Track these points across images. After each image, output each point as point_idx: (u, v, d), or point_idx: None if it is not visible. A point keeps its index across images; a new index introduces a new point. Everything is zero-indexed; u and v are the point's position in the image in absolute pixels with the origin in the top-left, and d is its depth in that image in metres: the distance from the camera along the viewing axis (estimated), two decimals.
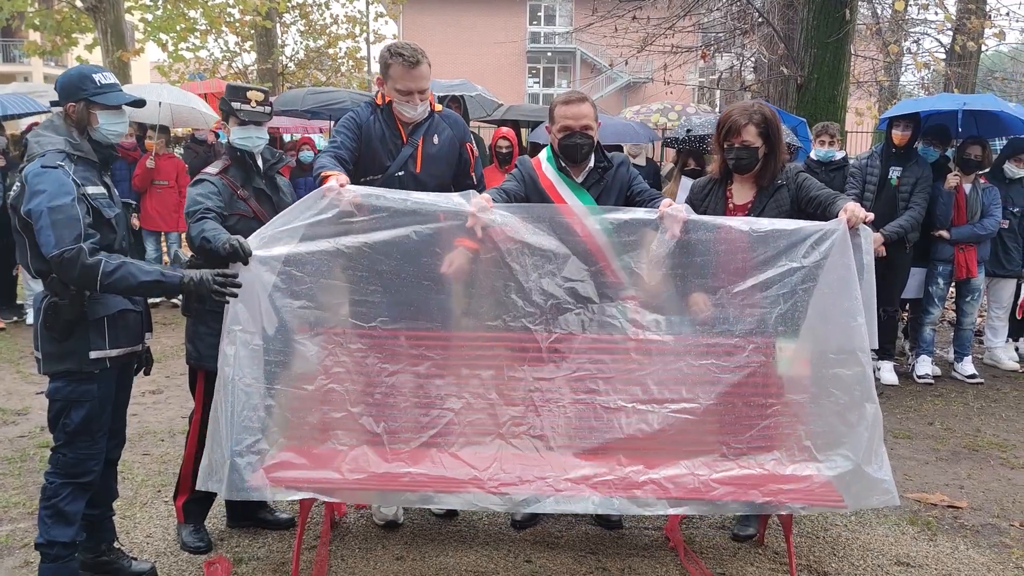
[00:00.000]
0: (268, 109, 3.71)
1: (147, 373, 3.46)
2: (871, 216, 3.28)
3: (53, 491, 3.13)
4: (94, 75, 3.15)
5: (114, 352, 3.16)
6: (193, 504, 3.75)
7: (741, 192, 3.76)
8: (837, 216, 3.28)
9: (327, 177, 3.46)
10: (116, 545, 3.51)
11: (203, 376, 3.65)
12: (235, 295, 3.11)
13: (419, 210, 3.37)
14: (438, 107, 4.01)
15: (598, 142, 3.81)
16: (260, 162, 3.74)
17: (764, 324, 3.37)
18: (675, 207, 3.45)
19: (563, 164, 3.78)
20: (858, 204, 3.30)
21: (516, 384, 3.51)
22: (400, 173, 3.82)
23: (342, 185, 3.37)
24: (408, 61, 3.68)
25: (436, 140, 3.90)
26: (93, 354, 3.09)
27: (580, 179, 3.77)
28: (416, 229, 3.39)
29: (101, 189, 3.14)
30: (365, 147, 3.85)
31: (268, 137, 3.80)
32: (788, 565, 3.43)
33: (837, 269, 3.20)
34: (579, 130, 3.67)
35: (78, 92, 3.12)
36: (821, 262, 3.25)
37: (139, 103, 3.27)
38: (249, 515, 3.93)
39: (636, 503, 3.23)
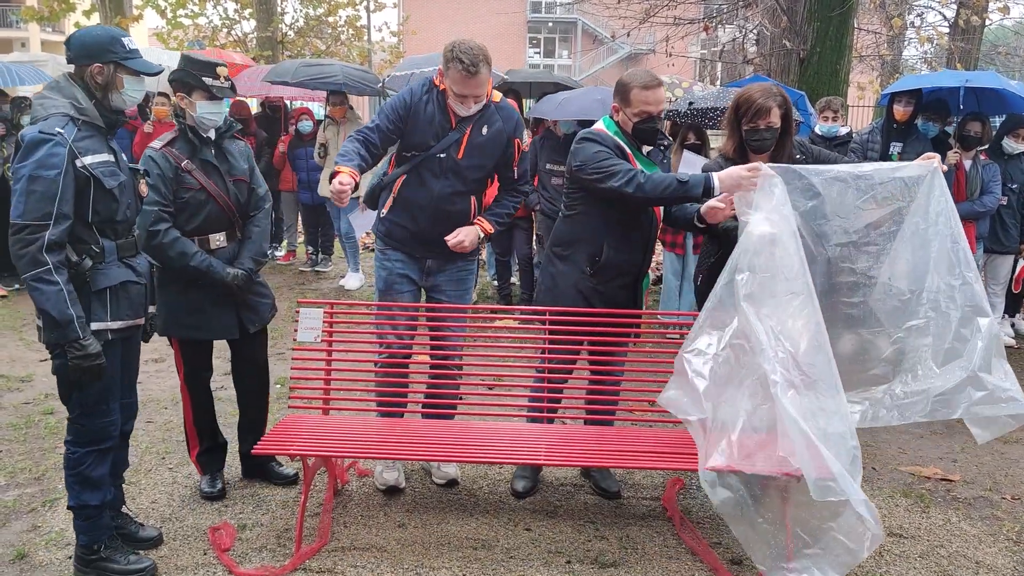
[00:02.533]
0: (231, 83, 3.78)
1: (146, 340, 3.47)
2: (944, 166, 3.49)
3: (77, 460, 3.17)
4: (123, 39, 3.10)
5: (116, 324, 3.14)
6: (204, 455, 3.99)
7: None
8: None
9: (338, 171, 3.61)
10: (124, 510, 3.57)
11: (176, 342, 3.88)
12: (98, 376, 3.02)
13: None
14: (496, 97, 3.98)
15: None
16: (213, 133, 3.75)
17: (879, 260, 3.47)
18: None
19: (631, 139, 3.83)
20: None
21: None
22: (442, 155, 3.85)
23: (343, 184, 3.55)
24: (468, 70, 3.67)
25: (485, 131, 3.89)
26: (94, 325, 3.05)
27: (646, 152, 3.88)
28: None
29: (106, 156, 3.07)
30: (412, 124, 3.86)
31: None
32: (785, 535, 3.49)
33: (937, 203, 3.35)
34: (658, 115, 3.78)
35: (107, 54, 3.05)
36: (924, 199, 3.38)
37: (158, 72, 3.24)
38: (259, 467, 4.12)
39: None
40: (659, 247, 7.32)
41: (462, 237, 3.89)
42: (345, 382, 4.04)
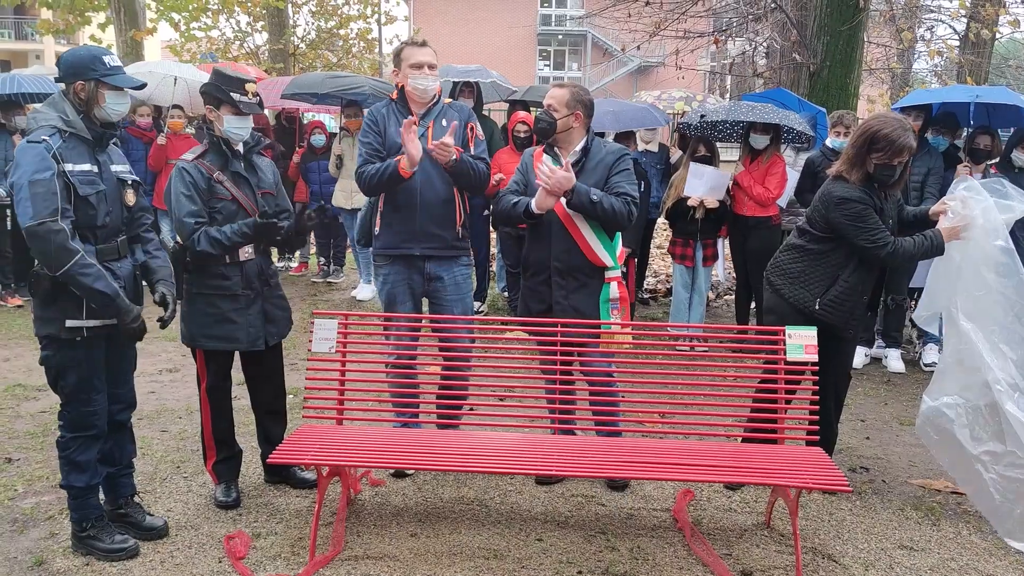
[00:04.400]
0: (259, 99, 3.93)
1: (163, 327, 3.55)
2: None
3: (64, 444, 3.45)
4: (103, 57, 3.36)
5: (90, 323, 3.32)
6: (220, 465, 4.05)
7: None
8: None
9: (400, 165, 4.05)
10: (136, 500, 3.75)
11: (200, 353, 3.97)
12: (139, 339, 3.42)
13: None
14: (447, 100, 4.44)
15: (590, 129, 4.26)
16: (241, 147, 3.90)
17: None
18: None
19: (556, 149, 4.22)
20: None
21: None
22: (434, 142, 4.14)
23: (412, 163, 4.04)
24: (415, 42, 4.28)
25: (444, 123, 4.26)
26: (69, 323, 3.28)
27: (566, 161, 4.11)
28: None
29: (87, 166, 3.29)
30: (384, 135, 4.25)
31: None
32: (793, 547, 3.51)
33: None
34: (543, 109, 4.17)
35: (88, 71, 3.29)
36: None
37: (141, 86, 3.50)
38: (281, 472, 4.21)
39: None
40: (668, 259, 7.36)
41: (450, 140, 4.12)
42: (358, 392, 4.10)
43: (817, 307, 4.04)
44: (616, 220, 4.07)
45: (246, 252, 3.86)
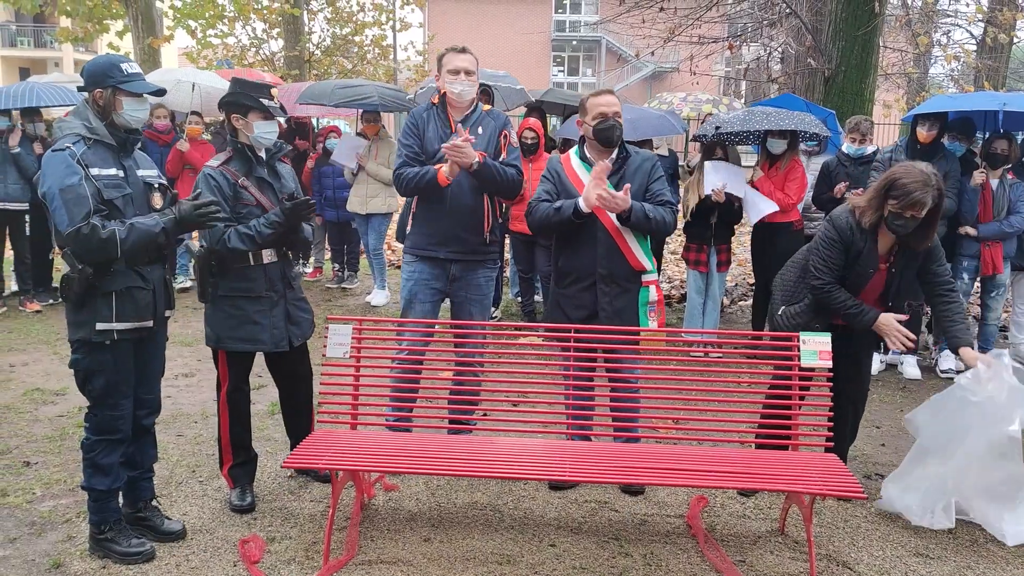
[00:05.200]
0: (280, 105, 4.08)
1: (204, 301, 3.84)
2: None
3: (89, 446, 3.48)
4: (121, 64, 3.42)
5: (120, 325, 3.38)
6: (236, 469, 4.09)
7: (883, 241, 4.00)
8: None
9: (439, 171, 4.22)
10: (154, 504, 3.79)
11: (223, 355, 4.00)
12: (218, 218, 3.53)
13: None
14: (486, 107, 4.57)
15: (620, 135, 4.25)
16: (263, 153, 3.98)
17: None
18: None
19: (586, 155, 4.26)
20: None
21: None
22: (447, 144, 4.21)
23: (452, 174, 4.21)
24: (456, 48, 4.38)
25: (480, 130, 4.42)
26: (99, 326, 3.34)
27: None
28: None
29: (113, 171, 3.36)
30: (423, 137, 4.43)
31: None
32: (808, 554, 3.50)
33: None
34: (611, 116, 4.16)
35: (106, 79, 3.37)
36: None
37: (160, 92, 3.57)
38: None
39: None
40: (682, 265, 7.34)
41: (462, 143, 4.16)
42: (373, 397, 4.12)
43: (779, 313, 4.17)
44: (665, 230, 4.24)
45: (268, 255, 3.92)
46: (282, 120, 10.78)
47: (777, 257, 6.49)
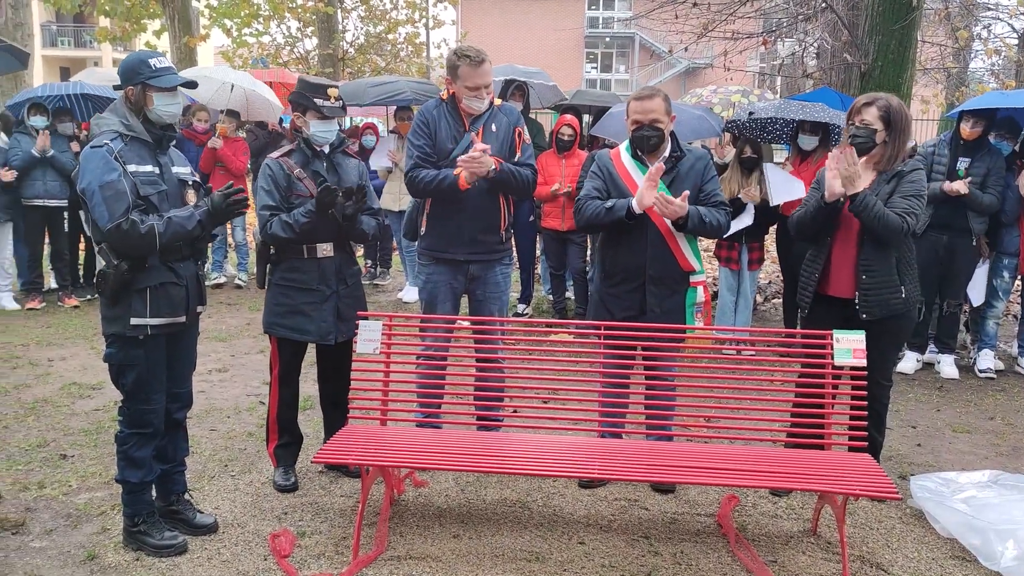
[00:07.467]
0: (342, 103, 4.08)
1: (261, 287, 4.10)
2: None
3: (123, 439, 3.53)
4: (150, 60, 3.43)
5: (154, 321, 3.43)
6: (281, 448, 4.24)
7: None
8: None
9: (458, 177, 4.13)
10: (187, 497, 3.84)
11: (274, 340, 4.13)
12: (245, 206, 3.50)
13: None
14: (498, 101, 4.47)
15: (673, 133, 4.18)
16: (326, 148, 4.08)
17: None
18: None
19: (637, 153, 4.18)
20: None
21: None
22: (463, 156, 4.17)
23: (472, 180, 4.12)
24: (474, 61, 4.17)
25: (494, 128, 4.34)
26: (134, 320, 3.39)
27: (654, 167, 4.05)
28: None
29: (149, 167, 3.40)
30: (434, 136, 4.30)
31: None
32: (840, 555, 3.45)
33: None
34: (647, 124, 4.07)
35: (136, 76, 3.40)
36: None
37: (191, 84, 3.57)
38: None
39: None
40: (713, 263, 7.28)
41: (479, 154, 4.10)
42: (403, 393, 4.13)
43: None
44: (719, 234, 4.23)
45: (324, 249, 4.01)
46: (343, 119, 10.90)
47: (802, 255, 6.41)
